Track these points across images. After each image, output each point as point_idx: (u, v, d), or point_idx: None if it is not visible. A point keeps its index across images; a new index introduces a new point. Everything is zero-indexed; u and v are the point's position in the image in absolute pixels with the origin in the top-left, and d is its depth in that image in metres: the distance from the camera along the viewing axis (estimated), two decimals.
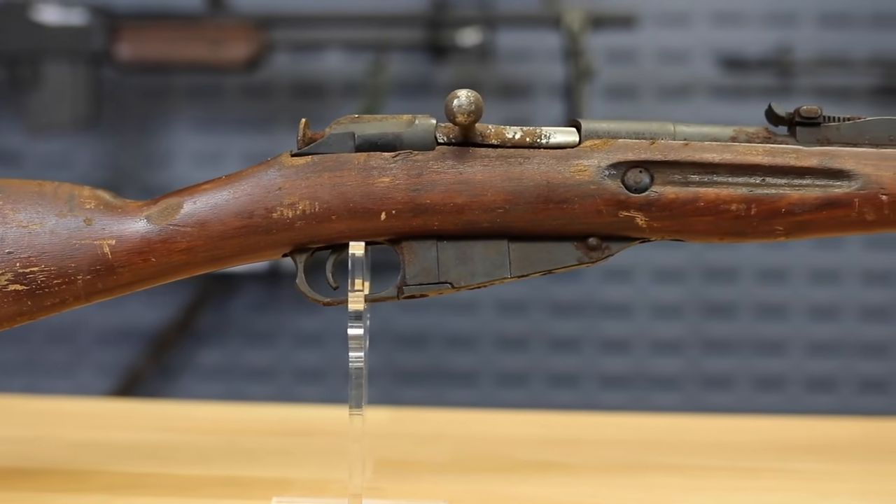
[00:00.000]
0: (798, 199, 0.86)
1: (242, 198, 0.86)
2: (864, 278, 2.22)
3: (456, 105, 0.82)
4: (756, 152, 0.86)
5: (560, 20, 1.96)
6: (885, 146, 0.87)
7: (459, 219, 0.85)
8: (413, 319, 2.27)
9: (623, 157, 0.85)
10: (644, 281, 2.24)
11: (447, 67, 2.19)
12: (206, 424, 1.20)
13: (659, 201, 0.85)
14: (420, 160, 0.85)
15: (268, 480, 0.99)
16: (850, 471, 1.05)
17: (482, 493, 0.97)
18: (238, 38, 1.98)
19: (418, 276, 0.87)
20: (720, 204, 0.85)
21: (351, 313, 0.84)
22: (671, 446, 1.14)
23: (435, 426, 1.22)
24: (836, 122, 0.88)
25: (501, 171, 0.85)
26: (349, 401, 0.86)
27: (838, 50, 2.18)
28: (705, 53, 2.19)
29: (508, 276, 0.87)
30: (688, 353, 2.25)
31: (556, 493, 0.98)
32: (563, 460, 1.08)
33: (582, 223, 0.86)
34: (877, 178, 0.86)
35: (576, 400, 2.25)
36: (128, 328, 2.29)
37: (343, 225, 0.85)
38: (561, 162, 0.85)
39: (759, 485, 1.01)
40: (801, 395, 2.24)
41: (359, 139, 0.86)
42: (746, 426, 1.24)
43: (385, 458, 1.08)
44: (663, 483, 1.01)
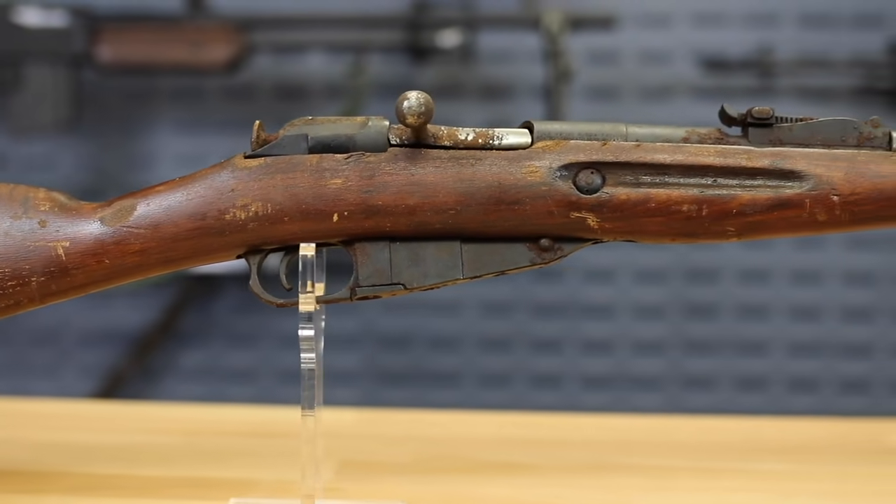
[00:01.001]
0: (749, 199, 0.86)
1: (195, 200, 0.86)
2: (845, 279, 2.22)
3: (406, 107, 0.82)
4: (707, 153, 0.86)
5: (539, 21, 1.96)
6: (837, 147, 0.87)
7: (411, 220, 0.85)
8: (396, 321, 2.27)
9: (575, 159, 0.86)
10: (626, 282, 2.24)
11: (429, 69, 2.19)
12: (176, 426, 1.20)
13: (610, 202, 0.85)
14: (372, 162, 0.86)
15: (230, 481, 0.99)
16: (812, 471, 1.06)
17: (443, 494, 0.97)
18: (218, 39, 1.98)
19: (371, 278, 0.87)
20: (671, 205, 0.85)
21: (302, 314, 0.84)
22: (637, 447, 1.14)
23: (402, 427, 1.22)
24: (789, 122, 0.88)
25: (453, 172, 0.85)
26: (301, 402, 0.86)
27: (819, 50, 2.19)
28: (686, 54, 2.20)
29: (461, 277, 0.87)
30: (670, 353, 2.25)
31: (518, 494, 0.98)
32: (528, 461, 1.08)
33: (534, 224, 0.86)
34: (828, 178, 0.86)
35: (558, 401, 2.25)
36: (111, 330, 2.29)
37: (295, 226, 0.86)
38: (513, 163, 0.85)
39: (721, 485, 1.02)
40: (783, 395, 2.24)
41: (312, 141, 0.86)
42: (715, 427, 1.24)
43: (349, 458, 1.08)
44: (627, 483, 1.01)
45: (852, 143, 0.87)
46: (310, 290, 0.84)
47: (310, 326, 0.84)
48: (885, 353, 2.24)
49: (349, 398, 2.27)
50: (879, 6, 2.18)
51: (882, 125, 0.88)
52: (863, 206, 0.86)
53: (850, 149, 0.87)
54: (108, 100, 2.22)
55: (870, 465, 1.08)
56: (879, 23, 2.18)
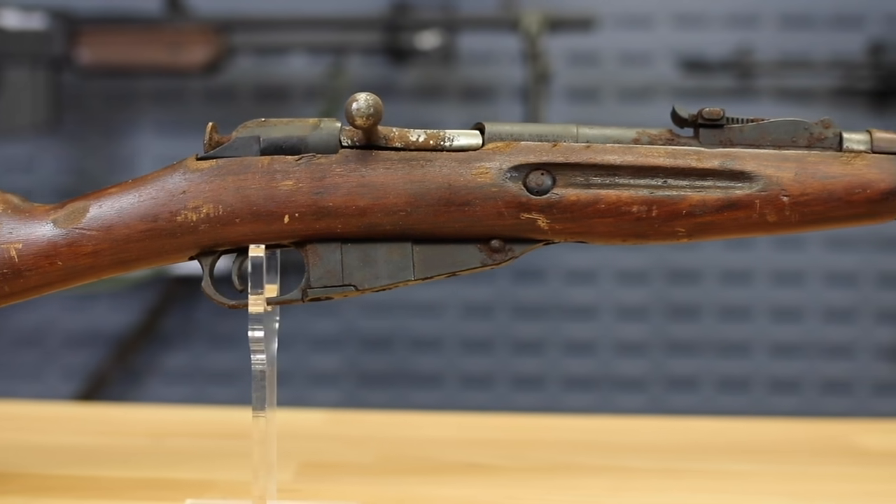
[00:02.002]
0: (699, 200, 0.86)
1: (147, 201, 0.86)
2: (826, 280, 2.23)
3: (355, 108, 0.82)
4: (657, 154, 0.86)
5: (518, 23, 1.96)
6: (788, 147, 0.87)
7: (362, 221, 0.86)
8: (377, 322, 2.27)
9: (525, 160, 0.86)
10: (608, 283, 2.24)
11: (409, 70, 2.19)
12: (141, 427, 1.20)
13: (560, 203, 0.85)
14: (323, 163, 0.86)
15: (188, 482, 0.99)
16: (779, 472, 1.06)
17: (402, 495, 0.98)
18: (197, 41, 1.98)
19: (322, 279, 0.87)
20: (621, 206, 0.85)
21: (252, 316, 0.84)
22: (601, 448, 1.14)
23: (369, 429, 1.22)
24: (739, 123, 0.88)
25: (403, 173, 0.85)
26: (252, 403, 0.86)
27: (799, 51, 2.19)
28: (667, 55, 2.20)
29: (412, 278, 0.87)
30: (652, 354, 2.25)
31: (475, 494, 0.98)
32: (488, 462, 1.09)
33: (484, 225, 0.86)
34: (777, 179, 0.86)
35: (540, 402, 2.25)
36: (94, 332, 2.29)
37: (247, 228, 0.86)
38: (463, 164, 0.86)
39: (680, 485, 1.02)
40: (765, 396, 2.25)
41: (264, 143, 0.87)
42: (682, 427, 1.25)
43: (311, 459, 1.08)
44: (584, 484, 1.01)
45: (803, 144, 0.87)
46: (259, 292, 0.85)
47: (259, 328, 0.84)
48: (867, 354, 2.24)
49: (330, 400, 2.27)
50: (859, 7, 2.18)
51: (833, 126, 0.88)
52: (812, 207, 0.86)
53: (800, 149, 0.87)
54: (89, 102, 2.23)
55: (840, 466, 1.08)
56: (859, 23, 2.19)
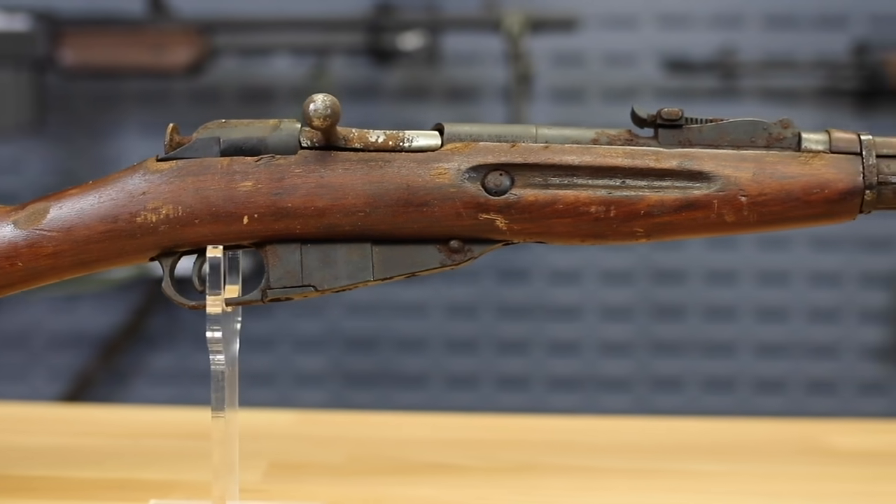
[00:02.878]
0: (657, 200, 0.86)
1: (107, 202, 0.86)
2: (811, 280, 2.23)
3: (312, 109, 0.83)
4: (616, 154, 0.87)
5: (500, 23, 1.96)
6: (746, 148, 0.87)
7: (321, 222, 0.86)
8: (362, 323, 2.28)
9: (483, 160, 0.86)
10: (592, 283, 2.25)
11: (394, 71, 2.19)
12: (111, 428, 1.20)
13: (518, 204, 0.86)
14: (282, 164, 0.86)
15: (153, 483, 0.99)
16: (746, 471, 1.06)
17: (368, 495, 0.98)
18: (180, 43, 1.98)
19: (282, 280, 0.87)
20: (579, 206, 0.86)
21: (209, 317, 0.85)
22: (568, 447, 1.14)
23: (339, 429, 1.22)
24: (699, 123, 0.88)
25: (362, 174, 0.85)
26: (211, 403, 0.86)
27: (783, 51, 2.19)
28: (651, 56, 2.20)
29: (371, 279, 0.87)
30: (637, 354, 2.25)
31: (444, 495, 0.99)
32: (458, 462, 1.09)
33: (443, 226, 0.86)
34: (735, 179, 0.86)
35: (525, 402, 2.25)
36: (79, 333, 2.30)
37: (206, 229, 0.86)
38: (421, 165, 0.86)
39: (651, 485, 1.02)
40: (750, 396, 2.25)
41: (224, 144, 0.87)
42: (648, 427, 1.25)
43: (280, 460, 1.08)
44: (553, 484, 1.01)
45: (762, 144, 0.87)
46: (217, 293, 0.85)
47: (217, 328, 0.84)
48: (852, 354, 2.24)
49: (315, 400, 2.28)
50: (843, 7, 2.18)
51: (792, 126, 0.88)
52: (770, 207, 0.86)
53: (759, 150, 0.87)
54: (74, 103, 2.23)
55: (813, 466, 1.08)
56: (843, 23, 2.19)
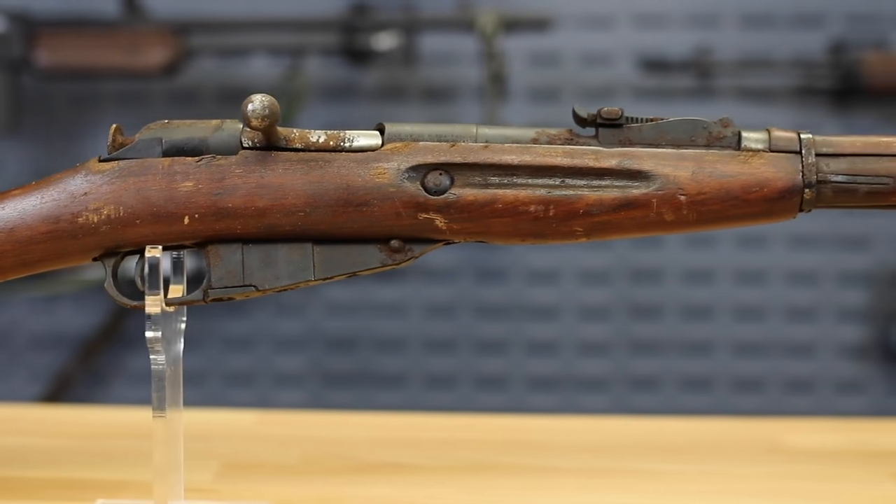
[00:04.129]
0: (596, 200, 0.86)
1: (49, 203, 0.87)
2: (789, 279, 2.23)
3: (250, 110, 0.83)
4: (555, 154, 0.87)
5: (474, 23, 1.97)
6: (686, 147, 0.87)
7: (261, 222, 0.86)
8: (341, 323, 2.28)
9: (423, 160, 0.86)
10: (570, 283, 2.25)
11: (371, 72, 2.20)
12: (68, 429, 1.20)
13: (457, 203, 0.86)
14: (223, 164, 0.86)
15: (106, 482, 1.00)
16: (695, 471, 1.06)
17: (318, 494, 0.98)
18: (154, 44, 1.99)
19: (223, 280, 0.87)
20: (518, 205, 0.86)
21: (148, 316, 0.85)
22: (527, 447, 1.15)
23: (296, 429, 1.23)
24: (638, 122, 0.88)
25: (302, 174, 0.86)
26: (152, 403, 0.86)
27: (760, 51, 2.19)
28: (627, 55, 2.20)
29: (312, 278, 0.88)
30: (615, 354, 2.26)
31: (393, 494, 0.99)
32: (412, 462, 1.09)
33: (382, 226, 0.86)
34: (675, 178, 0.86)
35: (504, 402, 2.26)
36: (59, 333, 2.30)
37: (147, 229, 0.86)
38: (361, 165, 0.86)
39: (602, 484, 1.02)
40: (728, 395, 2.25)
41: (166, 144, 0.87)
42: (608, 427, 1.25)
43: (234, 460, 1.09)
44: (505, 483, 1.02)
45: (702, 143, 0.88)
46: (156, 293, 0.85)
47: (156, 328, 0.84)
48: (830, 353, 2.24)
49: (294, 400, 2.28)
50: (820, 6, 2.18)
51: (732, 125, 0.88)
52: (710, 206, 0.86)
53: (699, 149, 0.87)
54: (50, 104, 2.23)
55: (763, 465, 1.08)
56: (819, 23, 2.19)
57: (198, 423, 1.23)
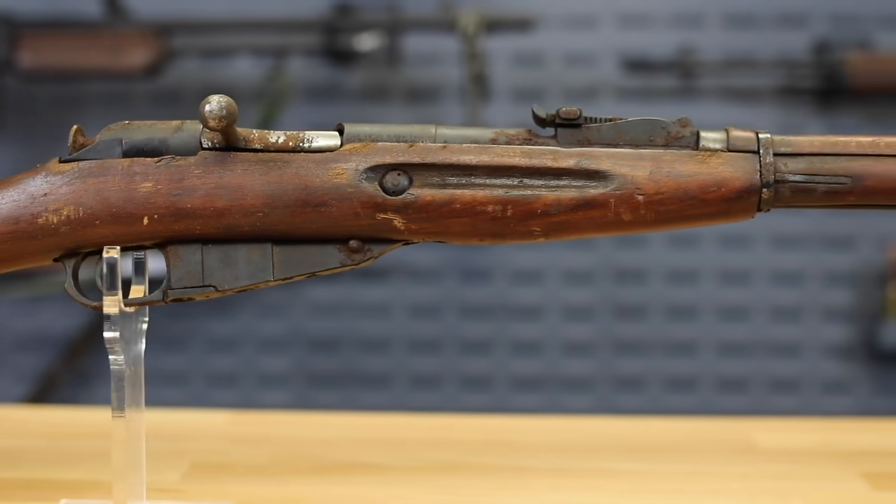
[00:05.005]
0: (554, 200, 0.86)
1: (9, 204, 0.87)
2: (772, 279, 2.23)
3: (207, 111, 0.83)
4: (513, 154, 0.87)
5: (455, 24, 1.97)
6: (645, 147, 0.87)
7: (220, 222, 0.86)
8: (326, 323, 2.28)
9: (381, 160, 0.86)
10: (554, 283, 2.25)
11: (355, 72, 2.20)
12: (37, 429, 1.20)
13: (415, 203, 0.86)
14: (182, 165, 0.86)
15: (70, 482, 1.00)
16: (664, 470, 1.06)
17: (284, 494, 0.98)
18: (137, 45, 1.99)
19: (183, 280, 0.87)
20: (476, 205, 0.86)
21: (106, 317, 0.85)
22: (490, 447, 1.14)
23: (268, 429, 1.22)
24: (597, 122, 0.88)
25: (260, 174, 0.86)
26: (112, 404, 0.86)
27: (743, 51, 2.19)
28: (610, 56, 2.20)
29: (272, 279, 0.88)
30: (599, 354, 2.26)
31: (358, 494, 0.99)
32: (382, 462, 1.09)
33: (341, 226, 0.86)
34: (632, 178, 0.86)
35: (488, 402, 2.26)
36: (44, 335, 2.30)
37: (107, 230, 0.86)
38: (320, 165, 0.86)
39: (572, 484, 1.02)
40: (713, 395, 2.25)
41: (126, 145, 0.87)
42: (581, 426, 1.24)
43: (204, 460, 1.08)
44: (473, 483, 1.02)
45: (660, 143, 0.87)
46: (114, 293, 0.85)
47: (114, 328, 0.85)
48: (814, 353, 2.24)
49: (279, 401, 2.28)
50: (803, 6, 2.19)
51: (690, 124, 0.88)
52: (667, 206, 0.86)
53: (657, 149, 0.87)
54: (33, 105, 2.23)
55: (734, 465, 1.07)
56: (803, 22, 2.19)
57: (170, 424, 1.23)
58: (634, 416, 1.29)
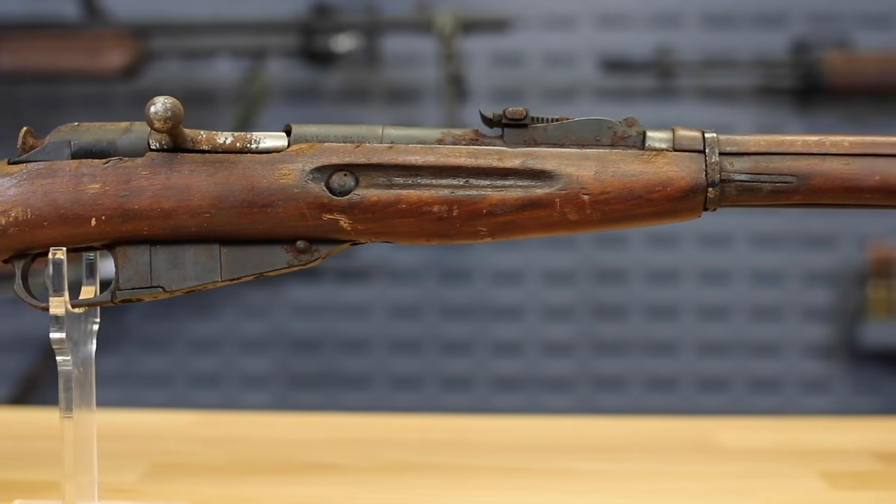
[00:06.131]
0: (499, 200, 0.86)
1: None
2: (752, 279, 2.23)
3: (152, 112, 0.83)
4: (459, 154, 0.87)
5: (432, 24, 1.97)
6: (591, 146, 0.87)
7: (168, 223, 0.86)
8: (307, 324, 2.28)
9: (328, 161, 0.86)
10: (534, 283, 2.25)
11: (335, 73, 2.20)
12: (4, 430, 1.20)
13: (361, 204, 0.86)
14: (129, 166, 0.86)
15: (24, 483, 1.00)
16: (628, 470, 1.05)
17: (237, 494, 0.98)
18: (114, 46, 1.99)
19: (131, 281, 0.88)
20: (422, 206, 0.86)
21: (52, 318, 0.85)
22: (453, 447, 1.14)
23: (234, 429, 1.23)
24: (544, 122, 0.88)
25: (207, 175, 0.86)
26: (60, 404, 0.86)
27: (722, 51, 2.19)
28: (589, 56, 2.20)
29: (219, 279, 0.88)
30: (579, 354, 2.26)
31: (313, 493, 0.99)
32: (341, 462, 1.09)
33: (288, 226, 0.86)
34: (578, 178, 0.86)
35: (469, 402, 2.26)
36: (25, 336, 2.30)
37: (55, 231, 0.86)
38: (266, 166, 0.86)
39: (523, 484, 1.02)
40: (693, 395, 2.25)
41: (75, 147, 0.87)
42: (529, 426, 1.24)
43: (165, 460, 1.08)
44: (425, 483, 1.02)
45: (606, 143, 0.87)
46: (60, 294, 0.85)
47: (60, 329, 0.85)
48: (794, 352, 2.24)
49: (260, 401, 2.28)
50: (781, 6, 2.19)
51: (637, 124, 0.87)
52: (613, 205, 0.86)
53: (603, 148, 0.87)
54: (14, 107, 2.24)
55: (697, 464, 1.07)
56: (782, 22, 2.19)
57: (134, 424, 1.24)
58: (589, 417, 1.29)
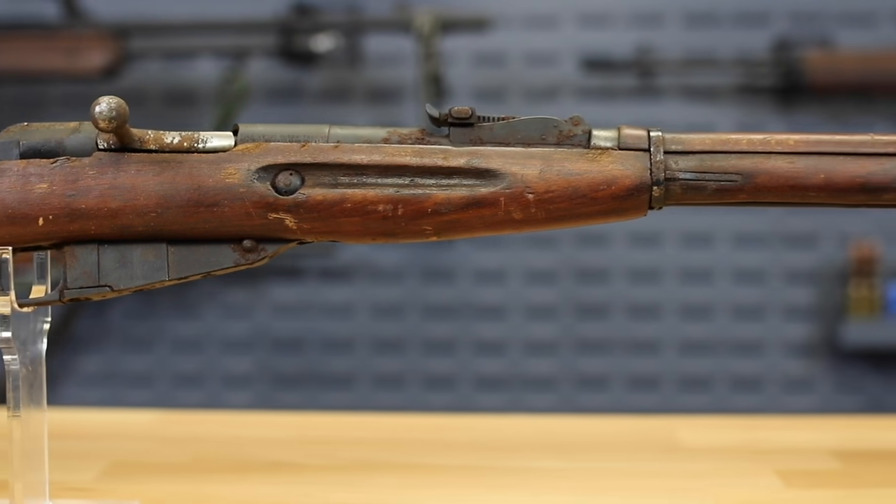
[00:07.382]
0: (444, 199, 0.86)
1: None
2: (734, 277, 2.23)
3: (97, 112, 0.83)
4: (405, 153, 0.87)
5: (411, 24, 1.97)
6: (537, 145, 0.88)
7: (115, 223, 0.86)
8: (289, 324, 2.28)
9: (273, 160, 0.86)
10: (517, 283, 2.25)
11: (316, 73, 2.20)
12: None
13: (306, 203, 0.86)
14: (77, 166, 0.87)
15: None
16: (586, 469, 1.06)
17: (192, 493, 0.98)
18: (94, 47, 1.99)
19: (79, 280, 0.88)
20: (367, 205, 0.86)
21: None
22: (417, 446, 1.15)
23: (195, 428, 1.23)
24: (490, 121, 0.88)
25: (154, 175, 0.86)
26: (7, 403, 0.87)
27: (703, 49, 2.19)
28: (570, 55, 2.20)
29: (167, 278, 0.88)
30: (562, 353, 2.26)
31: (269, 492, 0.99)
32: (302, 461, 1.09)
33: (234, 226, 0.87)
34: (522, 176, 0.86)
35: (452, 402, 2.26)
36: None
37: (3, 231, 0.87)
38: (212, 166, 0.86)
39: (491, 483, 1.02)
40: (676, 394, 2.25)
41: (23, 147, 0.88)
42: (505, 425, 1.25)
43: (123, 459, 1.09)
44: (386, 482, 1.02)
45: (552, 142, 0.88)
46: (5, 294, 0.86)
47: (7, 329, 0.85)
48: (777, 351, 2.24)
49: (243, 401, 2.29)
50: (763, 5, 2.19)
51: (583, 123, 0.88)
52: (558, 204, 0.86)
53: (548, 147, 0.88)
54: None
55: (656, 462, 1.08)
56: (763, 21, 2.19)
57: (94, 423, 1.24)
58: (556, 415, 1.29)
